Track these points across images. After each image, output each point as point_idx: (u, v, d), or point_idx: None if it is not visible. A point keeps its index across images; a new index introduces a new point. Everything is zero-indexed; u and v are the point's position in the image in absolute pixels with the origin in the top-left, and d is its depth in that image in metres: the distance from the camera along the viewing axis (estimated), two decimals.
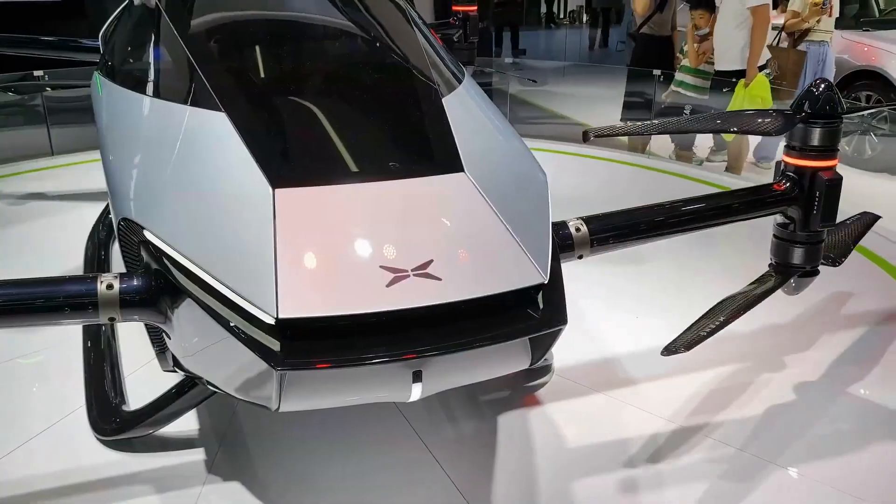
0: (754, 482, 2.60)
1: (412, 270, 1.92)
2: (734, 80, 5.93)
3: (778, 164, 2.96)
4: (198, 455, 2.72)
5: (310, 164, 2.26)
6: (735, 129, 3.26)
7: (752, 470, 2.66)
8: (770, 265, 3.02)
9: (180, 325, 2.13)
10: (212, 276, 1.97)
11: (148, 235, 2.17)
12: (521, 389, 3.11)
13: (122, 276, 2.18)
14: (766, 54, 5.90)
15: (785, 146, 2.90)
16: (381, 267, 1.92)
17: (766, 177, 5.31)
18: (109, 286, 2.14)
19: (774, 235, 2.98)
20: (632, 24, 9.78)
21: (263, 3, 3.20)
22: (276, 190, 2.07)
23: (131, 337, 3.24)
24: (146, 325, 2.43)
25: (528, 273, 2.01)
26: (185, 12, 3.01)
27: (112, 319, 2.18)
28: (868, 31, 7.23)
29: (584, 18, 17.20)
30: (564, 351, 3.05)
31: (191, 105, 2.50)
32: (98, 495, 2.54)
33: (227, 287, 1.93)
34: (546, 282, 2.02)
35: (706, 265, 4.33)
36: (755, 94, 5.67)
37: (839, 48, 7.03)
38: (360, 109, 2.58)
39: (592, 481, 2.60)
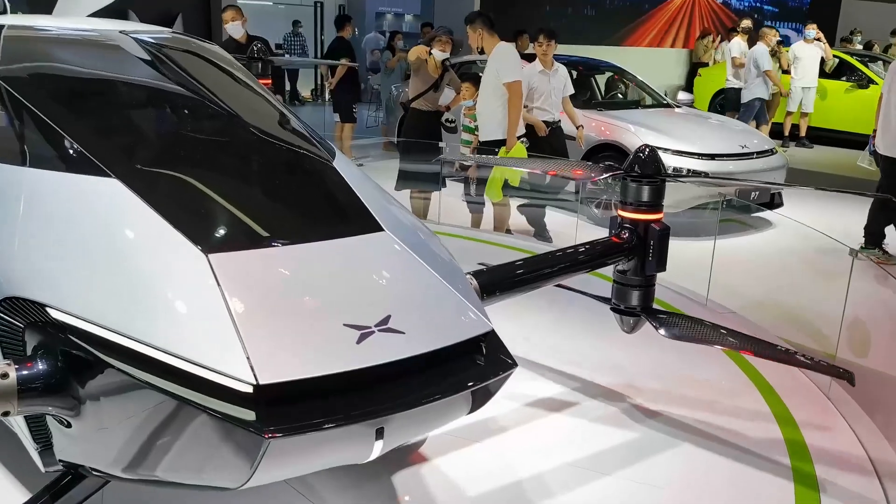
0: (612, 495, 2.94)
1: (375, 326, 1.94)
2: (496, 149, 6.48)
3: (613, 219, 3.38)
4: None
5: (234, 228, 2.19)
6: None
7: (609, 485, 3.00)
8: (611, 307, 3.40)
9: (103, 409, 1.93)
10: (157, 349, 1.83)
11: (54, 314, 1.95)
12: (403, 450, 3.14)
13: (14, 361, 1.92)
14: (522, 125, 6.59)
15: (620, 202, 3.33)
16: (345, 325, 1.92)
17: None
18: (4, 375, 1.88)
19: (614, 281, 3.37)
20: (393, 99, 10.36)
21: (113, 64, 3.02)
22: (210, 255, 1.99)
23: None
24: (27, 420, 2.14)
25: (476, 322, 2.13)
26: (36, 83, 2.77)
27: (6, 413, 1.91)
28: (601, 110, 8.36)
29: (327, 96, 17.64)
30: None
31: (71, 172, 2.29)
32: None
33: (182, 358, 1.80)
34: (492, 329, 2.14)
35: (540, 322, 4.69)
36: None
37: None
38: (260, 171, 2.55)
39: None
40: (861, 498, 3.02)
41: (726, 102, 11.88)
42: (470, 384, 2.01)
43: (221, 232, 2.16)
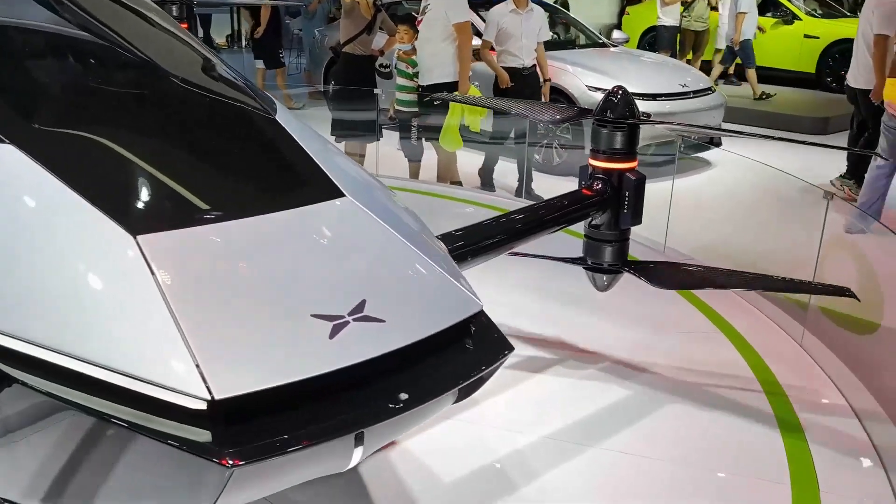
0: (597, 468, 2.76)
1: (349, 315, 1.62)
2: (445, 92, 6.09)
3: (583, 168, 3.11)
4: None
5: (167, 201, 1.81)
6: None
7: (593, 458, 2.80)
8: (587, 266, 3.16)
9: (15, 434, 1.56)
10: (81, 361, 1.46)
11: None
12: None
13: None
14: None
15: (591, 150, 3.05)
16: (313, 316, 1.59)
17: None
18: None
19: (588, 237, 3.12)
20: (317, 43, 9.77)
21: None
22: (139, 237, 1.61)
23: None
24: None
25: (464, 301, 1.82)
26: None
27: None
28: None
29: (244, 43, 16.76)
30: None
31: None
32: None
33: (114, 371, 1.44)
34: (482, 308, 1.85)
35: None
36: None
37: None
38: (193, 131, 2.14)
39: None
40: (849, 449, 2.91)
41: (658, 40, 11.71)
42: (462, 378, 1.72)
43: (151, 207, 1.78)
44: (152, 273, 1.55)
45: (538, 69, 6.39)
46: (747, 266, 4.01)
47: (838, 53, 11.52)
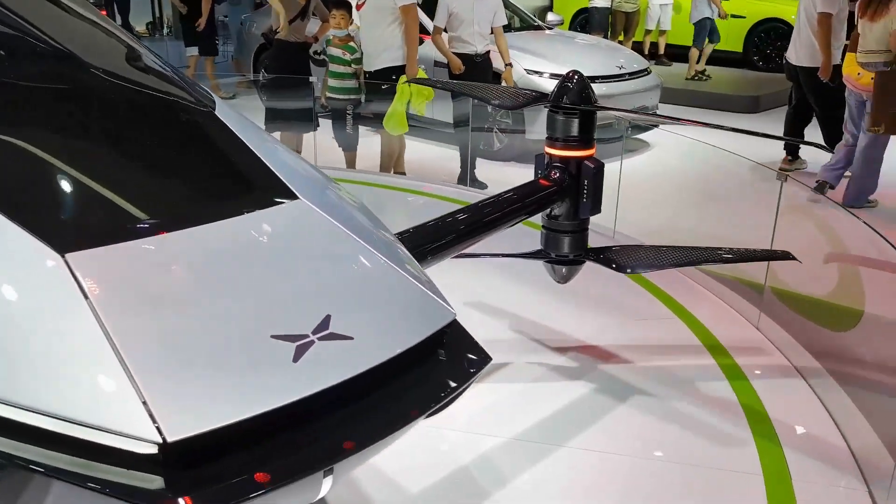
0: (559, 465, 2.68)
1: (314, 334, 1.46)
2: (392, 77, 5.90)
3: (539, 157, 3.00)
4: None
5: (100, 212, 1.61)
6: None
7: (560, 458, 2.71)
8: (549, 260, 3.06)
9: None
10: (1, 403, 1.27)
11: None
12: None
13: None
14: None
15: (547, 138, 2.94)
16: (273, 337, 1.42)
17: None
18: None
19: (548, 228, 3.01)
20: (244, 30, 9.45)
21: None
22: (68, 255, 1.42)
23: None
24: None
25: (437, 311, 1.68)
26: None
27: None
28: None
29: (166, 30, 16.17)
30: None
31: None
32: None
33: (41, 413, 1.26)
34: (455, 317, 1.71)
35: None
36: (420, 88, 5.77)
37: None
38: (124, 130, 1.93)
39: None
40: (815, 428, 2.90)
41: (590, 22, 11.71)
42: (436, 399, 1.59)
43: (81, 220, 1.58)
44: (85, 297, 1.36)
45: (496, 55, 6.20)
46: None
47: (764, 32, 11.74)
